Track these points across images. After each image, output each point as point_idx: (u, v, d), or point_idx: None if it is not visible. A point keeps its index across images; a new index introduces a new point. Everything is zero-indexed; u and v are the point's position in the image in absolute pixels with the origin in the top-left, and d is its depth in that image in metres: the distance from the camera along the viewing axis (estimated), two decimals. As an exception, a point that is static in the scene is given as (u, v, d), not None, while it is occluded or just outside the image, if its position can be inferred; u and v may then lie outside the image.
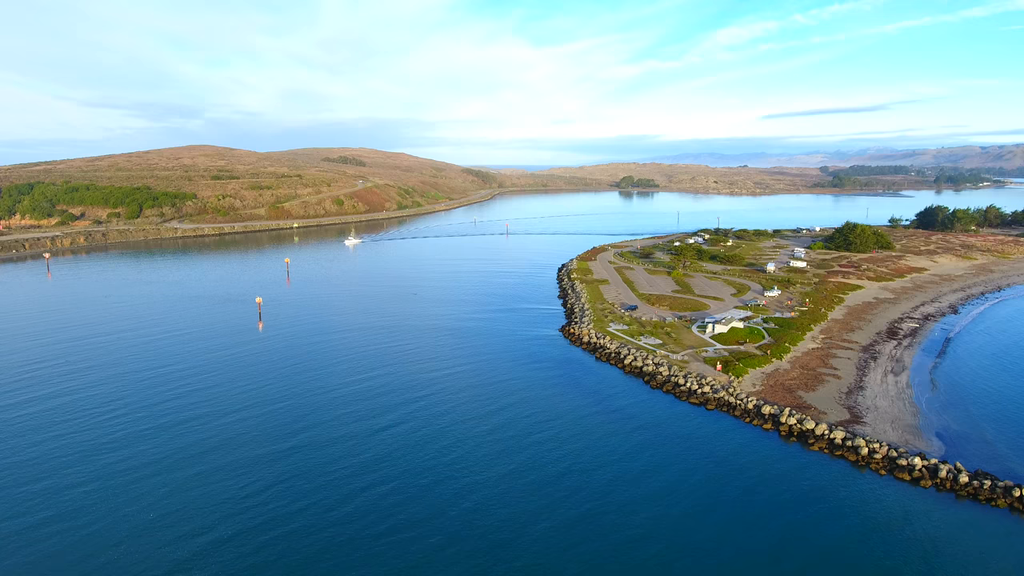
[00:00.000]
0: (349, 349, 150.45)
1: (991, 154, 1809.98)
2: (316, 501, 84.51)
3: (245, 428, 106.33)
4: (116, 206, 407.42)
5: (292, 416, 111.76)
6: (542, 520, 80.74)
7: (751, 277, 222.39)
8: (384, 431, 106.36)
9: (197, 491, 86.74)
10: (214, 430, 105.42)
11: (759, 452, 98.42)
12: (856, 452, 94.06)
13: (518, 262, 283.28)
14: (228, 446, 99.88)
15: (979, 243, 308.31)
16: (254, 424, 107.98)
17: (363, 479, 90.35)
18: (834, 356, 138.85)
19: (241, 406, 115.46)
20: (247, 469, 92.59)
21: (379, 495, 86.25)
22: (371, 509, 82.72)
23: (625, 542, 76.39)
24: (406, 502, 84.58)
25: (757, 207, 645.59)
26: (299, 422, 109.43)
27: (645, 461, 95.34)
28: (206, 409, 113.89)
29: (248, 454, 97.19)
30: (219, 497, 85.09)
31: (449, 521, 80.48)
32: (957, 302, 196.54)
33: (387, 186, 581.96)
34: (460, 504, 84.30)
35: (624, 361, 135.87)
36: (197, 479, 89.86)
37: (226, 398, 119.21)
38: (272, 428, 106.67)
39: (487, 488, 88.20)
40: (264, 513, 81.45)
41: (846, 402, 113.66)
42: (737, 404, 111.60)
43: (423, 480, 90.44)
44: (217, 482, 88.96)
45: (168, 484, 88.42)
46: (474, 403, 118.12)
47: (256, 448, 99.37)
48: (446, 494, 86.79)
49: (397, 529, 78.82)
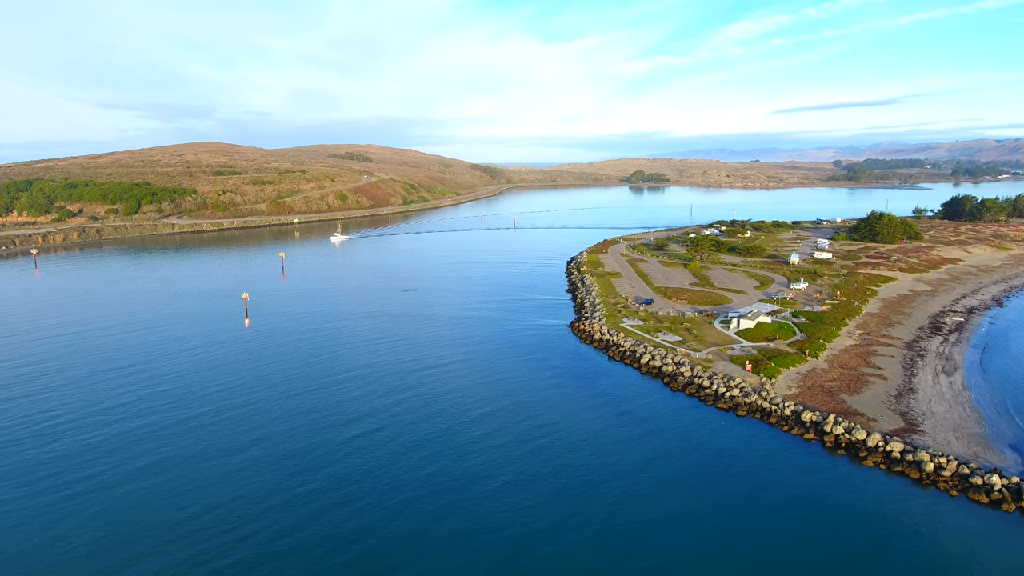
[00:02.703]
0: (337, 346, 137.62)
1: (1007, 147, 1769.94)
2: (265, 526, 71.42)
3: (201, 437, 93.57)
4: (114, 202, 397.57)
5: (254, 423, 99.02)
6: (532, 550, 67.35)
7: (774, 269, 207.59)
8: (358, 439, 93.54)
9: (135, 512, 73.97)
10: (164, 439, 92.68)
11: (801, 466, 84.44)
12: (919, 468, 79.89)
13: (525, 256, 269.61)
14: (178, 459, 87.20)
15: (1013, 233, 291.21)
16: (209, 433, 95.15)
17: (326, 498, 77.32)
18: (875, 354, 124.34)
19: (201, 411, 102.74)
20: (192, 488, 79.73)
21: (342, 518, 73.27)
22: (329, 536, 69.60)
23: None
24: (373, 527, 71.49)
25: (771, 200, 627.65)
26: (261, 429, 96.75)
27: (662, 474, 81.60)
28: (163, 415, 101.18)
29: (197, 469, 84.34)
30: (152, 521, 72.20)
31: (420, 553, 67.35)
32: (1000, 294, 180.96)
33: (392, 181, 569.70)
34: (434, 529, 71.18)
35: (640, 360, 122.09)
36: (137, 497, 77.09)
37: (188, 401, 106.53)
38: (229, 437, 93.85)
39: (468, 509, 75.02)
40: (197, 544, 68.42)
41: (897, 407, 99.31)
42: (772, 410, 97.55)
43: (395, 499, 77.50)
44: (158, 501, 76.13)
45: (111, 502, 75.77)
46: (464, 406, 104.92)
47: (206, 461, 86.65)
48: (420, 516, 73.82)
49: (361, 560, 65.73)
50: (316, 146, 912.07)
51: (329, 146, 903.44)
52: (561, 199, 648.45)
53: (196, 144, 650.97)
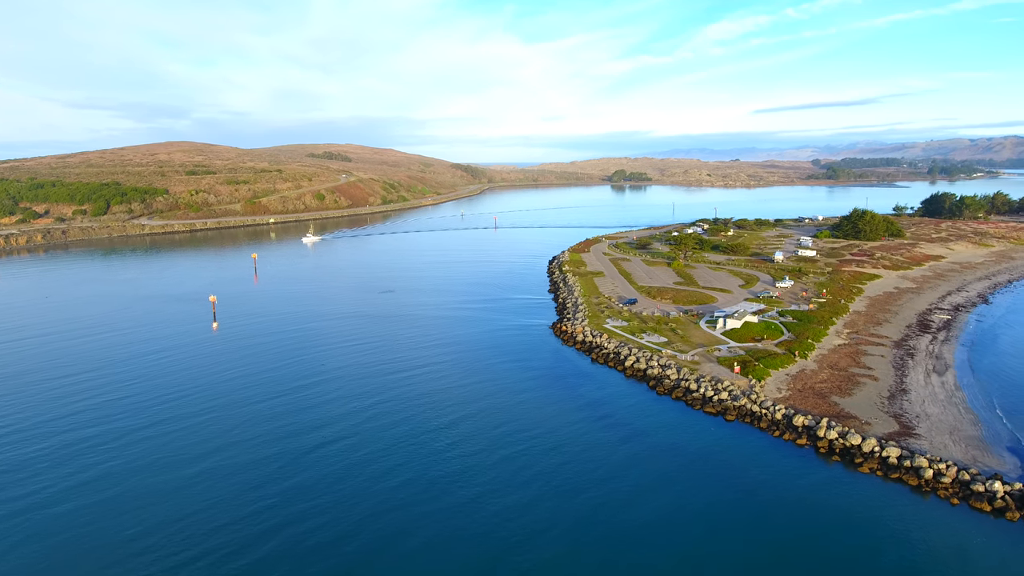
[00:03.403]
0: (307, 349, 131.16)
1: (980, 146, 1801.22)
2: (218, 544, 65.35)
3: (155, 447, 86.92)
4: (82, 203, 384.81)
5: (213, 431, 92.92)
6: (506, 563, 62.09)
7: (758, 267, 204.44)
8: (324, 447, 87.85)
9: (73, 533, 67.32)
10: (113, 450, 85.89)
11: (794, 473, 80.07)
12: (918, 474, 75.84)
13: (506, 255, 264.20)
14: (127, 472, 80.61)
15: (992, 230, 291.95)
16: (164, 442, 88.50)
17: (287, 511, 71.55)
18: (865, 354, 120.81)
19: (156, 419, 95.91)
20: (140, 503, 73.27)
21: (303, 533, 67.63)
22: (289, 553, 63.78)
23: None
24: (336, 542, 65.99)
25: (753, 198, 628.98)
26: (221, 438, 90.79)
27: (646, 482, 76.67)
28: (115, 424, 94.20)
29: (146, 483, 77.85)
30: (92, 542, 65.67)
31: (387, 570, 61.85)
32: (985, 291, 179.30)
33: (371, 180, 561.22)
34: (402, 544, 65.71)
35: (625, 362, 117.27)
36: (77, 516, 70.40)
37: (143, 409, 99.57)
38: (185, 447, 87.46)
39: (439, 521, 69.73)
40: (141, 568, 62.09)
41: (890, 409, 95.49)
42: (763, 414, 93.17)
43: (360, 511, 72.19)
44: (100, 519, 69.56)
45: (46, 522, 69.01)
46: (438, 411, 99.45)
47: (157, 474, 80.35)
48: (387, 529, 68.44)
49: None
50: (294, 146, 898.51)
51: (307, 146, 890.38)
52: (543, 198, 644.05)
53: (170, 143, 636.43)
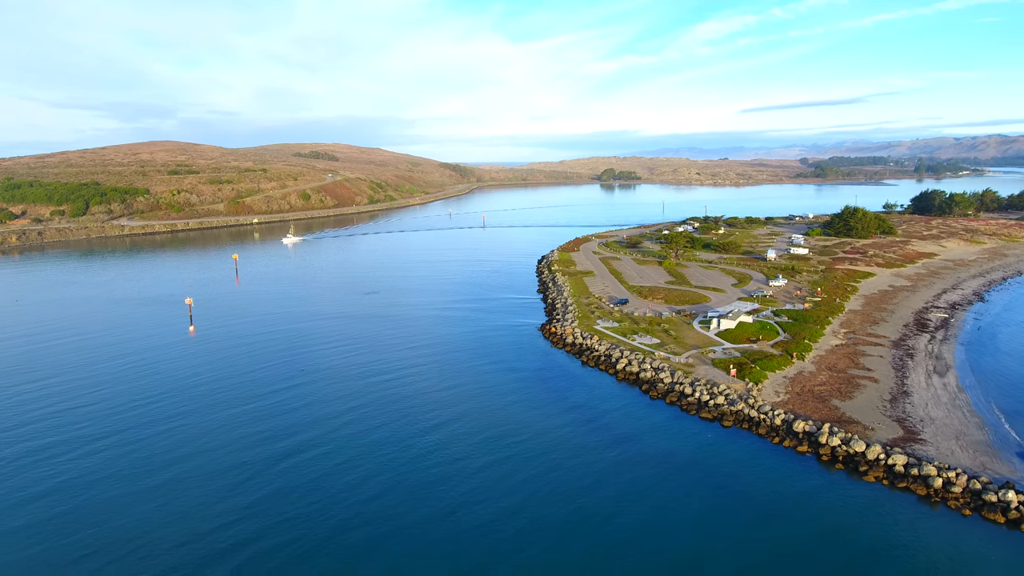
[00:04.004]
0: (285, 353, 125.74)
1: (965, 145, 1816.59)
2: (173, 566, 60.21)
3: (113, 457, 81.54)
4: (60, 203, 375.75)
5: (178, 439, 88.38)
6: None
7: (751, 266, 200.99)
8: (294, 455, 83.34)
9: (9, 556, 61.93)
10: (67, 461, 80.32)
11: (796, 482, 75.95)
12: (926, 483, 71.91)
13: (494, 254, 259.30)
14: (80, 484, 75.30)
15: (982, 227, 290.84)
16: (124, 452, 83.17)
17: (250, 525, 66.82)
18: (864, 354, 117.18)
19: (118, 428, 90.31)
20: (90, 518, 68.09)
21: (267, 550, 63.27)
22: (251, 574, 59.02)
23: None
24: (301, 559, 61.27)
25: (742, 197, 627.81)
26: (186, 446, 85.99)
27: (640, 491, 72.25)
28: (72, 433, 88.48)
29: (100, 495, 72.51)
30: (36, 565, 60.48)
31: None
32: (980, 288, 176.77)
33: (358, 180, 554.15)
34: (374, 559, 61.05)
35: (616, 365, 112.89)
36: (18, 535, 64.94)
37: (105, 417, 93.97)
38: (146, 456, 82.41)
39: (415, 534, 65.24)
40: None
41: (893, 413, 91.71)
42: (761, 419, 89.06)
43: (329, 523, 67.92)
44: (45, 537, 64.10)
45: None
46: (418, 417, 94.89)
47: (113, 485, 75.25)
48: (359, 543, 64.07)
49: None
50: (280, 145, 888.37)
51: (294, 145, 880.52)
52: (532, 197, 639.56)
53: (152, 143, 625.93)
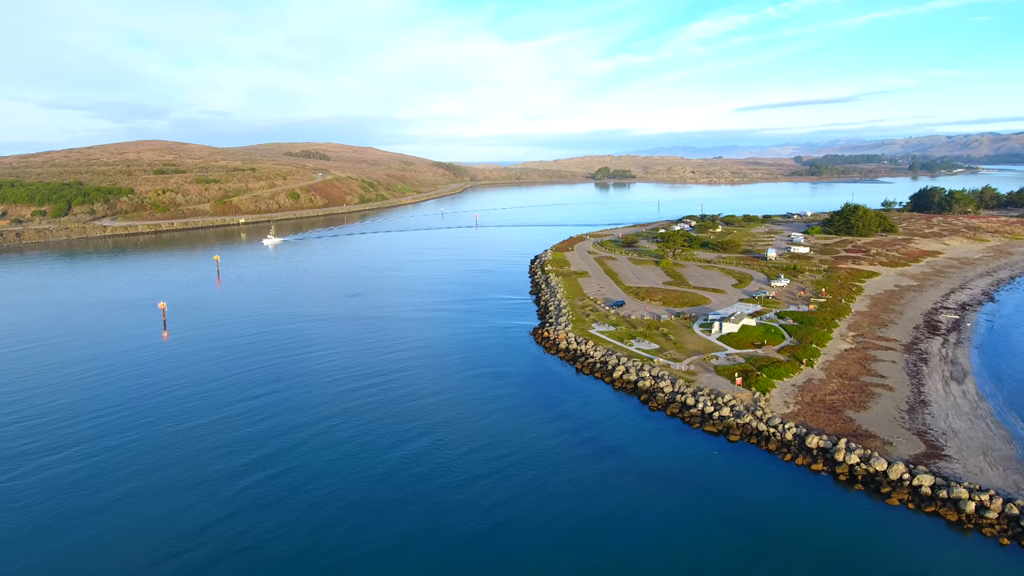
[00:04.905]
0: (261, 360, 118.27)
1: (957, 143, 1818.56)
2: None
3: (56, 474, 73.68)
4: (42, 203, 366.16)
5: (132, 453, 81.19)
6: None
7: (751, 265, 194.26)
8: (250, 474, 76.39)
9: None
10: (11, 479, 72.54)
11: (810, 506, 68.91)
12: (957, 507, 64.99)
13: (486, 255, 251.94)
14: (22, 502, 67.32)
15: (984, 225, 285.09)
16: (76, 468, 75.34)
17: (195, 550, 59.14)
18: (875, 359, 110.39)
19: (70, 441, 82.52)
20: (23, 542, 60.32)
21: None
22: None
23: None
24: None
25: (738, 195, 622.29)
26: (137, 462, 78.85)
27: (640, 518, 65.03)
28: (17, 448, 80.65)
29: (44, 514, 64.70)
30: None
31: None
32: (989, 288, 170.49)
33: (349, 179, 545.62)
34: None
35: (613, 373, 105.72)
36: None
37: (55, 428, 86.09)
38: (97, 472, 74.61)
39: (377, 562, 57.79)
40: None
41: (912, 425, 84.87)
42: (771, 433, 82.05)
43: (279, 555, 59.97)
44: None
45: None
46: (393, 434, 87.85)
47: (55, 505, 67.26)
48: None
49: None
50: (271, 144, 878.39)
51: (285, 144, 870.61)
52: (526, 196, 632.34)
53: (140, 142, 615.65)
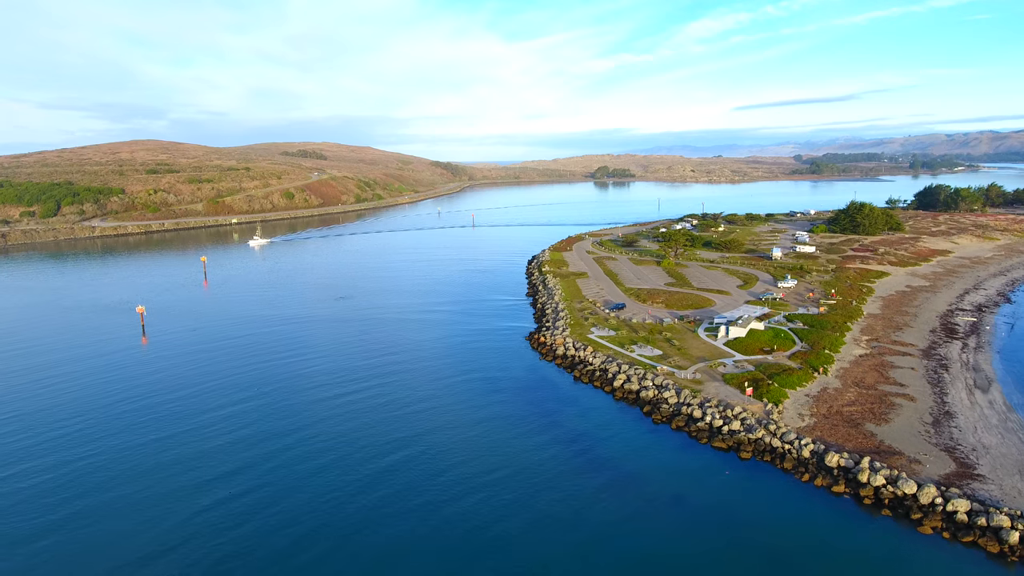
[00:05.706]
0: (241, 368, 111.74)
1: (957, 141, 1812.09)
2: None
3: (10, 489, 67.07)
4: (31, 204, 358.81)
5: (96, 464, 75.06)
6: None
7: (756, 265, 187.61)
8: (214, 490, 69.89)
9: None
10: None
11: (833, 534, 62.27)
12: (998, 537, 58.35)
13: (483, 255, 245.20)
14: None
15: (992, 223, 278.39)
16: (32, 483, 68.68)
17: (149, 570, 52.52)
18: (892, 366, 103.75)
19: (24, 455, 75.91)
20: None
21: None
22: None
23: None
24: None
25: (738, 193, 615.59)
26: (103, 471, 72.63)
27: (643, 547, 58.35)
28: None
29: None
30: None
31: None
32: (1004, 289, 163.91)
33: (345, 178, 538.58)
34: None
35: (613, 382, 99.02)
36: None
37: (14, 442, 79.50)
38: (52, 489, 67.76)
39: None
40: None
41: (939, 440, 78.23)
42: (786, 450, 75.39)
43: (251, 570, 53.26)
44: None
45: None
46: (369, 440, 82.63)
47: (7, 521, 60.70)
48: None
49: None
50: (267, 144, 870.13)
51: (282, 144, 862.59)
52: (524, 195, 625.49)
53: (134, 142, 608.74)
